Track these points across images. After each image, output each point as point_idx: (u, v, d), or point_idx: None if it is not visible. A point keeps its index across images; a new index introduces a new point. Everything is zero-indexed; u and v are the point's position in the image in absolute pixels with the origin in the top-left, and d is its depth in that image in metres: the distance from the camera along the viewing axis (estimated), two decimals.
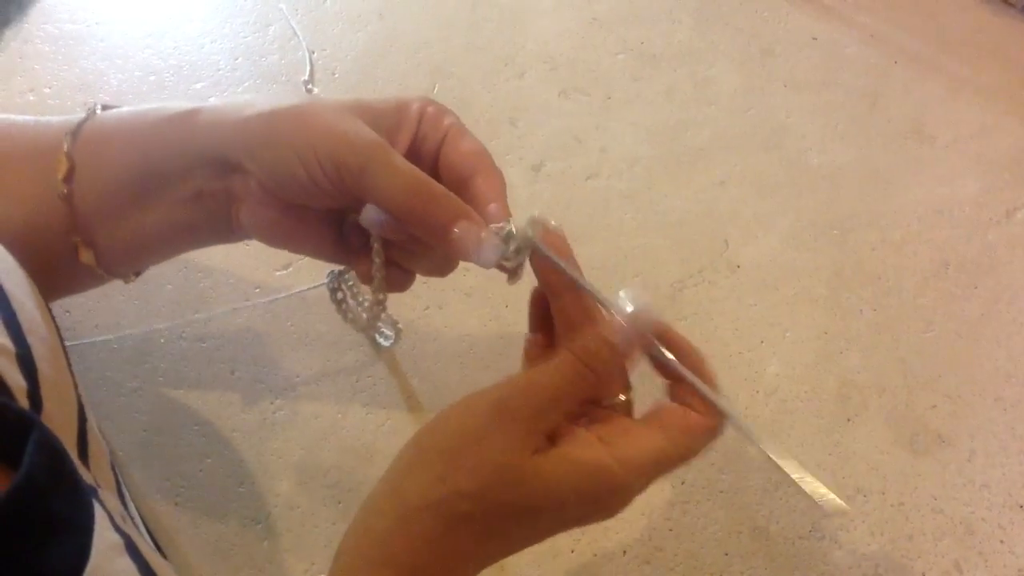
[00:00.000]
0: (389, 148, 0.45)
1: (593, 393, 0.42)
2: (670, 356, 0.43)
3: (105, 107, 0.50)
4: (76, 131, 0.47)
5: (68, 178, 0.47)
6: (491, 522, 0.39)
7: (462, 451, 0.40)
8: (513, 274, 0.46)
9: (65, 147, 0.47)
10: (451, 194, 0.45)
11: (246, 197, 0.47)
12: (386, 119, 0.47)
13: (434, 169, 0.49)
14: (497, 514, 0.39)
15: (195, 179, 0.47)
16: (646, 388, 0.45)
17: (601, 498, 0.40)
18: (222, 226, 0.49)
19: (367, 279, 0.51)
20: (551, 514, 0.40)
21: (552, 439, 0.41)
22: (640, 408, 0.44)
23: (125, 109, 0.50)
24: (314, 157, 0.44)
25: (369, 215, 0.47)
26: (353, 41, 0.83)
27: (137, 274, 0.54)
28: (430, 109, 0.49)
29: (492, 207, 0.45)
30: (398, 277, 0.51)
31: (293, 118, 0.45)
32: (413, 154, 0.48)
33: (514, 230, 0.44)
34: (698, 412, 0.43)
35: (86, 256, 0.48)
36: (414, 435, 0.42)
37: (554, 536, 0.42)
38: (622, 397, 0.44)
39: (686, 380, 0.43)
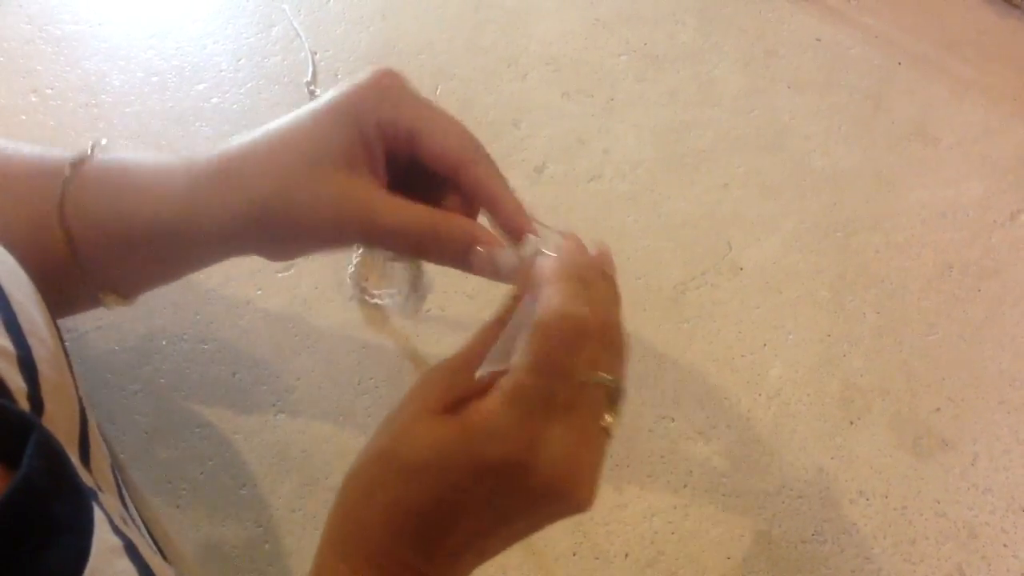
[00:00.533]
0: (381, 195, 0.45)
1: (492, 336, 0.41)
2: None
3: (81, 160, 0.48)
4: (62, 200, 0.46)
5: (66, 235, 0.47)
6: (393, 486, 0.39)
7: (384, 422, 0.41)
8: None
9: (57, 223, 0.46)
10: (456, 218, 0.45)
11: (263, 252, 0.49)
12: (354, 149, 0.46)
13: (420, 165, 0.48)
14: (396, 475, 0.39)
15: (211, 259, 0.50)
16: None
17: (486, 456, 0.37)
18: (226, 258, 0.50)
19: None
20: (449, 481, 0.38)
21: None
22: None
23: (111, 183, 0.48)
24: (315, 238, 0.45)
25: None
26: (356, 42, 0.83)
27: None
28: (385, 114, 0.46)
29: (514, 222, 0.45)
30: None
31: (285, 211, 0.45)
32: (395, 162, 0.47)
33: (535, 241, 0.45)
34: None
35: (111, 302, 0.50)
36: None
37: (508, 534, 0.41)
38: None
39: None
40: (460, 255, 0.45)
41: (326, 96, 0.47)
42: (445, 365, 0.41)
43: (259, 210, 0.45)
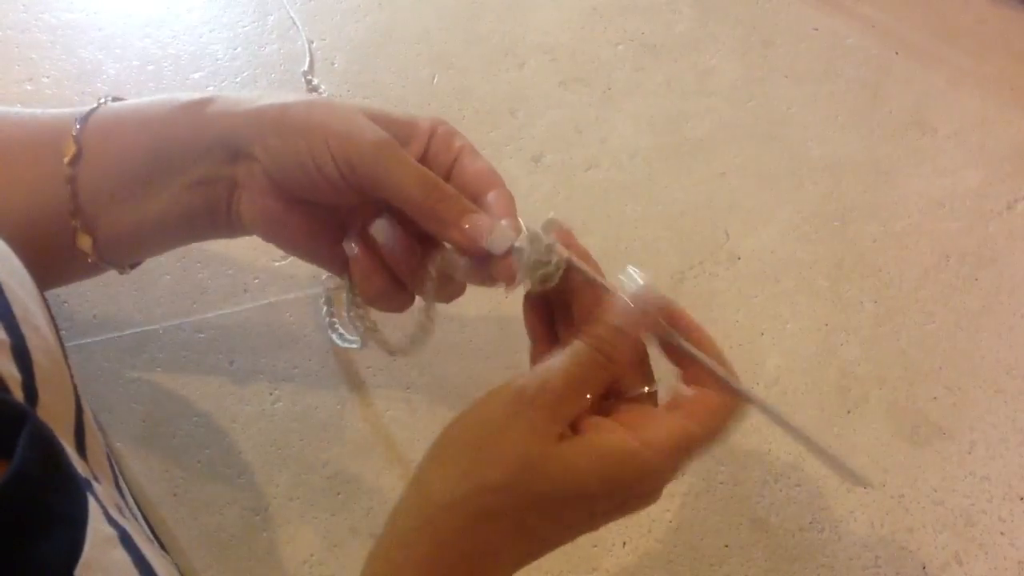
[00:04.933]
0: (400, 147, 0.46)
1: (610, 379, 0.42)
2: (678, 336, 0.43)
3: (115, 98, 0.50)
4: (86, 117, 0.48)
5: (74, 161, 0.47)
6: (517, 516, 0.39)
7: (484, 444, 0.39)
8: (547, 279, 0.45)
9: (74, 132, 0.47)
10: (460, 195, 0.46)
11: (250, 185, 0.47)
12: (397, 128, 0.47)
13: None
14: (523, 506, 0.39)
15: (202, 165, 0.47)
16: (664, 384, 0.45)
17: (630, 484, 0.40)
18: (221, 218, 0.49)
19: (379, 300, 0.51)
20: (579, 504, 0.40)
21: (575, 429, 0.41)
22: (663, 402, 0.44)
23: (137, 99, 0.50)
24: (325, 149, 0.44)
25: (382, 226, 0.47)
26: (353, 31, 0.83)
27: (132, 266, 0.54)
28: (441, 129, 0.49)
29: (504, 221, 0.45)
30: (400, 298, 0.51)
31: (306, 111, 0.46)
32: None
33: (526, 234, 0.45)
34: (717, 391, 0.43)
35: (84, 242, 0.48)
36: (441, 431, 0.42)
37: (584, 534, 0.42)
38: (645, 389, 0.44)
39: (697, 361, 0.42)
40: (455, 220, 0.45)
41: None
42: (548, 389, 0.40)
43: (280, 110, 0.46)
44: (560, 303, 0.46)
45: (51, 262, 0.49)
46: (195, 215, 0.49)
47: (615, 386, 0.43)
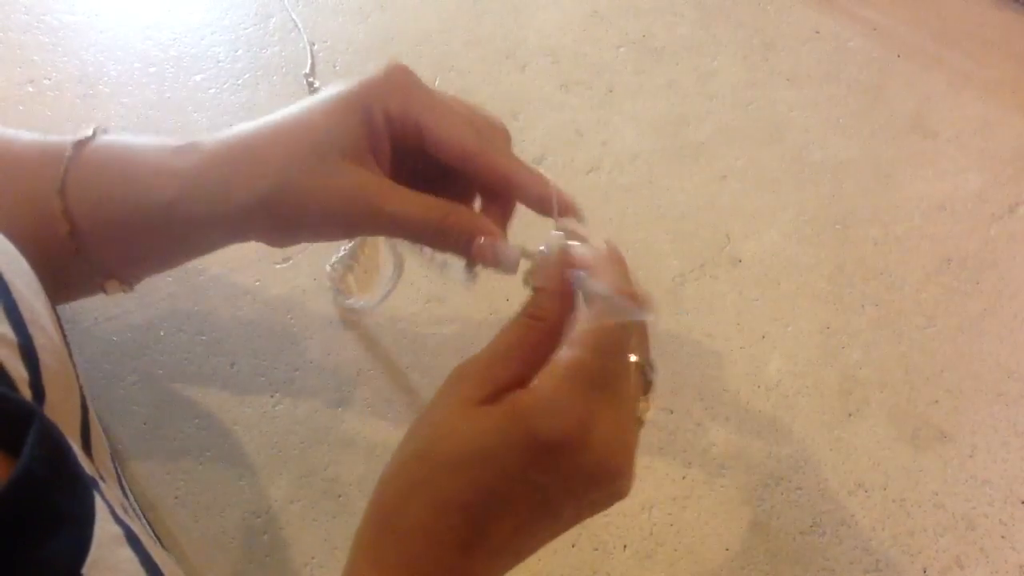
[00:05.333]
0: (389, 186, 0.46)
1: (540, 337, 0.41)
2: (580, 275, 0.42)
3: (82, 142, 0.48)
4: (63, 179, 0.47)
5: (70, 226, 0.47)
6: (435, 484, 0.38)
7: (419, 418, 0.41)
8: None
9: (59, 207, 0.47)
10: (460, 209, 0.46)
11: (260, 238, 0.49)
12: (358, 140, 0.46)
13: (428, 156, 0.48)
14: (438, 473, 0.38)
15: (203, 244, 0.51)
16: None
17: (536, 434, 0.37)
18: (229, 243, 0.51)
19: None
20: (491, 466, 0.38)
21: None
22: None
23: (116, 165, 0.49)
24: (323, 226, 0.46)
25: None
26: (354, 33, 0.83)
27: (137, 280, 0.54)
28: (393, 105, 0.47)
29: (507, 245, 0.46)
30: None
31: (293, 198, 0.45)
32: (401, 152, 0.48)
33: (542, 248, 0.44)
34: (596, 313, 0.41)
35: (112, 287, 0.51)
36: None
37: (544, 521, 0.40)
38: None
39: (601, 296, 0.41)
40: (463, 245, 0.45)
41: (335, 88, 0.48)
42: (480, 360, 0.41)
43: (266, 197, 0.45)
44: None
45: (57, 290, 0.49)
46: (207, 251, 0.52)
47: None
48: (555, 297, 0.41)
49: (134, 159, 0.48)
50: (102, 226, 0.47)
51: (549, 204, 0.46)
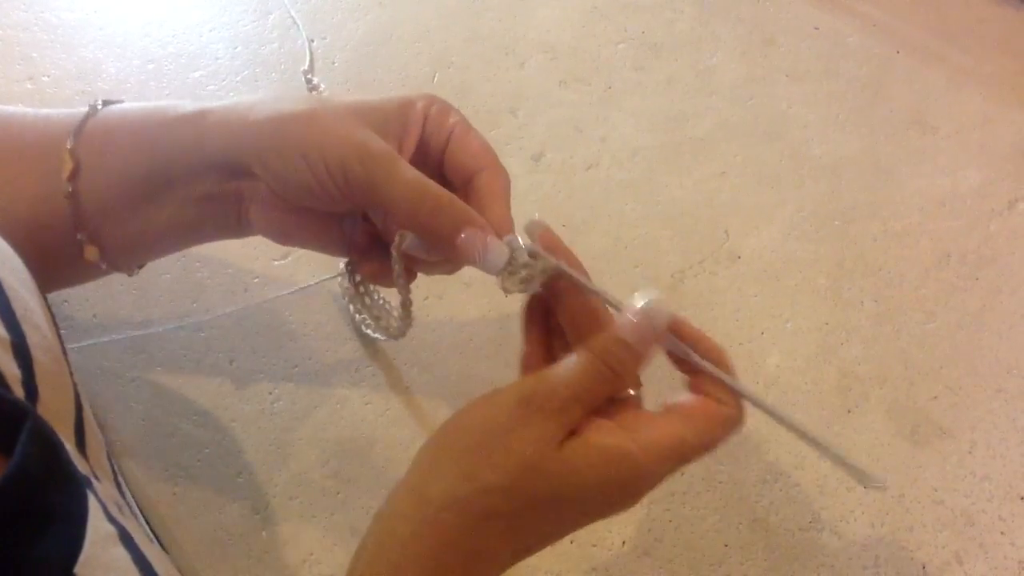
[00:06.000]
0: (395, 157, 0.45)
1: (612, 391, 0.42)
2: (687, 349, 0.43)
3: (106, 102, 0.50)
4: (79, 129, 0.47)
5: (73, 176, 0.47)
6: (518, 517, 0.39)
7: (487, 446, 0.39)
8: (527, 282, 0.45)
9: (69, 144, 0.47)
10: (456, 200, 0.45)
11: (255, 198, 0.48)
12: (392, 122, 0.48)
13: (440, 166, 0.49)
14: (523, 508, 0.39)
15: (203, 182, 0.48)
16: (656, 387, 0.45)
17: (623, 484, 0.40)
18: (230, 224, 0.50)
19: (375, 279, 0.53)
20: (574, 505, 0.40)
21: (575, 430, 0.41)
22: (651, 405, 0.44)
23: (129, 105, 0.50)
24: (324, 166, 0.45)
25: (411, 242, 0.47)
26: (353, 30, 0.83)
27: (140, 267, 0.54)
28: (434, 108, 0.49)
29: (496, 238, 0.46)
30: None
31: (303, 125, 0.45)
32: (420, 153, 0.49)
33: (520, 241, 0.45)
34: (719, 402, 0.43)
35: (91, 253, 0.49)
36: (433, 435, 0.42)
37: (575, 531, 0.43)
38: (631, 392, 0.44)
39: (705, 372, 0.43)
40: (450, 235, 0.45)
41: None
42: (554, 396, 0.40)
43: (277, 125, 0.45)
44: (560, 309, 0.46)
45: (57, 268, 0.49)
46: (203, 224, 0.50)
47: None
48: (640, 360, 0.42)
49: (140, 122, 0.48)
50: (104, 196, 0.47)
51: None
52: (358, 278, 0.59)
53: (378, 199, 0.45)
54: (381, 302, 0.60)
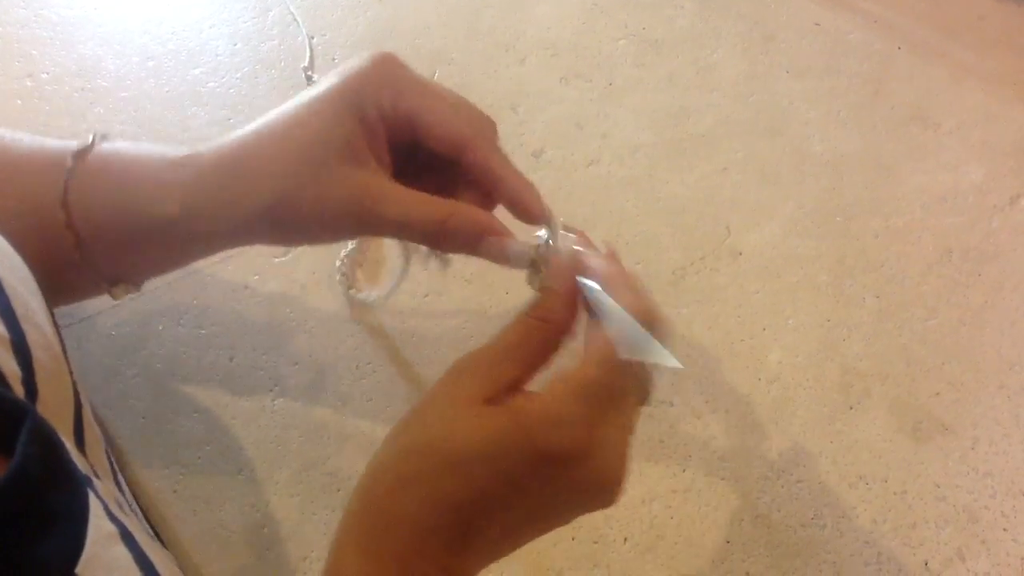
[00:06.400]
0: (389, 188, 0.45)
1: (547, 338, 0.41)
2: (585, 282, 0.42)
3: (82, 152, 0.48)
4: (66, 185, 0.46)
5: (74, 235, 0.47)
6: (439, 480, 0.38)
7: (416, 411, 0.40)
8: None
9: (62, 218, 0.46)
10: (465, 209, 0.45)
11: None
12: (357, 141, 0.45)
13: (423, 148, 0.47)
14: (437, 469, 0.38)
15: (206, 247, 0.51)
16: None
17: (537, 440, 0.38)
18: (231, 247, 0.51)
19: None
20: (491, 469, 0.38)
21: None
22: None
23: (115, 171, 0.48)
24: (325, 232, 0.47)
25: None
26: (353, 26, 0.82)
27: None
28: (387, 102, 0.46)
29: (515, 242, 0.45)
30: None
31: (293, 209, 0.45)
32: (397, 148, 0.47)
33: (547, 239, 0.44)
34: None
35: (119, 294, 0.50)
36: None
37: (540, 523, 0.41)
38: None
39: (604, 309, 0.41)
40: (470, 245, 0.45)
41: (324, 83, 0.46)
42: (482, 356, 0.40)
43: (266, 211, 0.45)
44: None
45: (63, 293, 0.49)
46: (211, 254, 0.52)
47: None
48: (564, 301, 0.41)
49: (133, 170, 0.47)
50: (105, 237, 0.47)
51: (529, 210, 0.45)
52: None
53: (391, 229, 0.46)
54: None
